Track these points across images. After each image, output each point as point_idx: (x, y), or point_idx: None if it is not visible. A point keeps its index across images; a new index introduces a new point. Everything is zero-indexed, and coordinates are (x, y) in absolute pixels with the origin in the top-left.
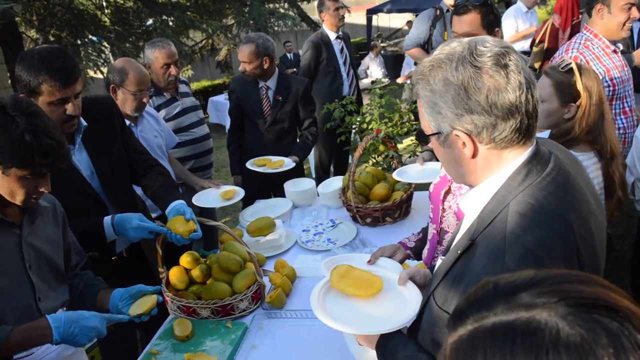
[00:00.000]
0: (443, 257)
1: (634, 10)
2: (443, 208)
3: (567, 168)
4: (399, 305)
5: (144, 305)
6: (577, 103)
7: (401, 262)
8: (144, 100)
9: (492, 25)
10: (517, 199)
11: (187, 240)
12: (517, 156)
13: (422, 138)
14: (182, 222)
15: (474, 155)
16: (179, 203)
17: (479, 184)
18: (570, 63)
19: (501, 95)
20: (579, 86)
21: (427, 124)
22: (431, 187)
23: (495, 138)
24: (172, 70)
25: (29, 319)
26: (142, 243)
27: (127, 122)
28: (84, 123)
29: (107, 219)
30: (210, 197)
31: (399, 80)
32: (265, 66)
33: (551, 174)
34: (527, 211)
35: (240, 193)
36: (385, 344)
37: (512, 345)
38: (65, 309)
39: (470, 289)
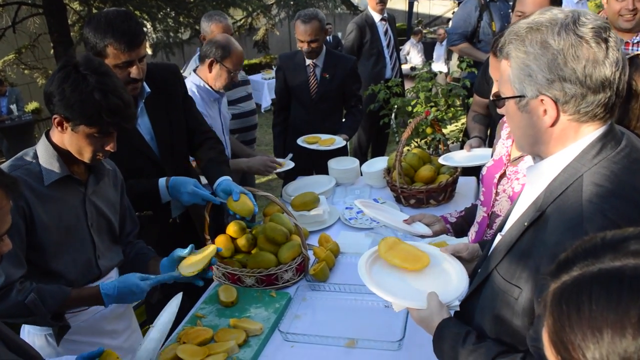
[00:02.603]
0: (502, 234)
1: None
2: (497, 192)
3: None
4: (444, 283)
5: (200, 262)
6: None
7: (438, 234)
8: (235, 79)
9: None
10: (591, 170)
11: (247, 218)
12: (593, 131)
13: (498, 100)
14: (242, 202)
15: (553, 124)
16: (225, 179)
17: (549, 156)
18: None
19: (598, 68)
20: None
21: (510, 86)
22: (484, 170)
23: (581, 110)
24: None
25: (89, 275)
26: (190, 211)
27: (216, 95)
28: (148, 89)
29: (162, 181)
30: None
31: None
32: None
33: (625, 150)
34: (603, 181)
35: (289, 164)
36: (442, 333)
37: (619, 288)
38: (117, 269)
39: (577, 242)
